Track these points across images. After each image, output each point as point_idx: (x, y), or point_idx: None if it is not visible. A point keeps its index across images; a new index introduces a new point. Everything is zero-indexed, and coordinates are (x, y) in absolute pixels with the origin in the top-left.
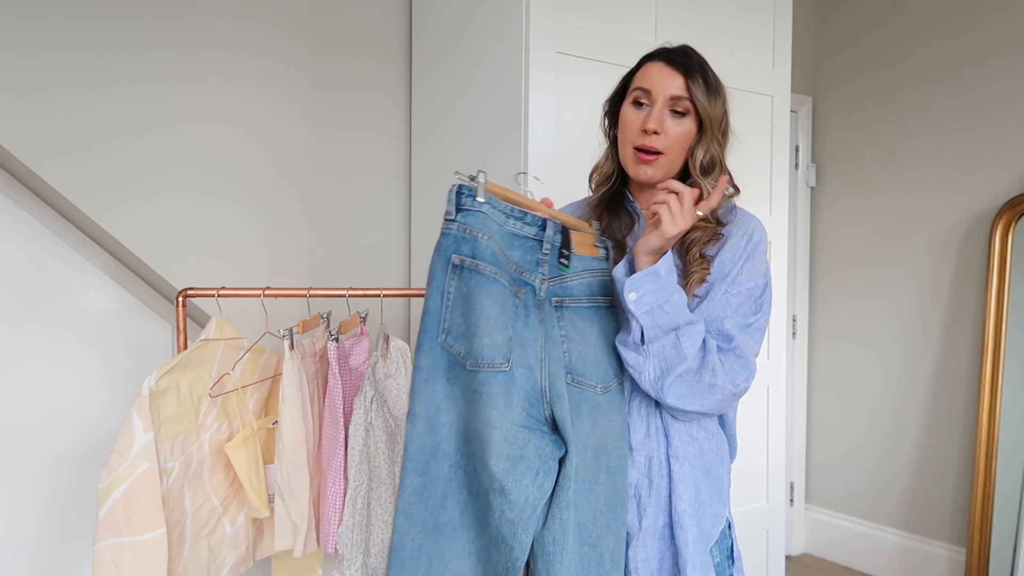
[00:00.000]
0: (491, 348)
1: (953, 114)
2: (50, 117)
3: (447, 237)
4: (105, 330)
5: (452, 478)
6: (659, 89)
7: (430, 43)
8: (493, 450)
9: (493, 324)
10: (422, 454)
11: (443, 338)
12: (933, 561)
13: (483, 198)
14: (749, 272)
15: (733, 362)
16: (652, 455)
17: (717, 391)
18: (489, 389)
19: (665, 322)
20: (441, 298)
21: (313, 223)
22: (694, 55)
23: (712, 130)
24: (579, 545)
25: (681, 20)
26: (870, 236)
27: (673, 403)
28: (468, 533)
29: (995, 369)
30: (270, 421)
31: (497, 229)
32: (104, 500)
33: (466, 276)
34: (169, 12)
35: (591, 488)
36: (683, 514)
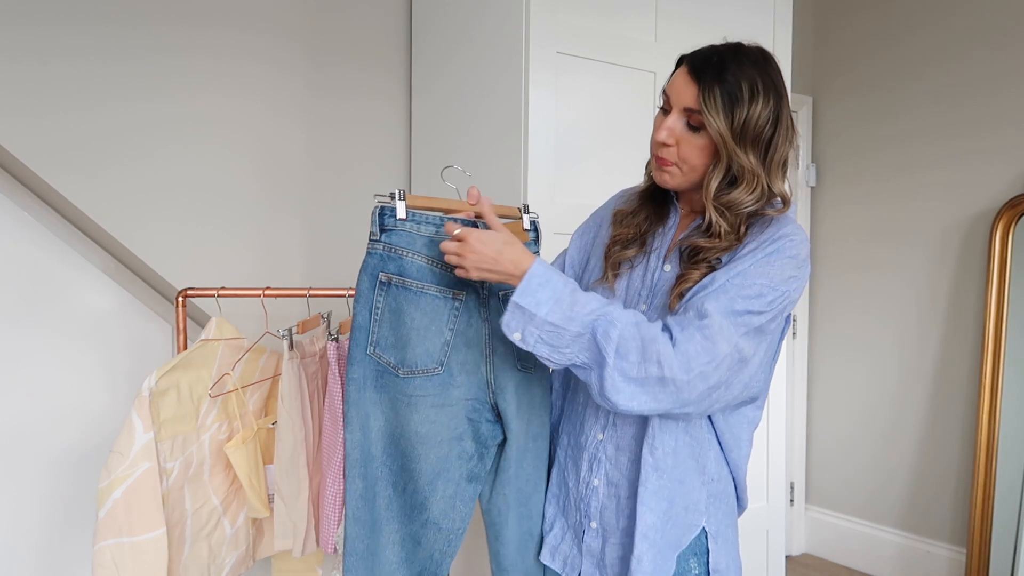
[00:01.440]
0: (424, 355)
1: (953, 115)
2: (53, 121)
3: (372, 256)
4: (105, 330)
5: (379, 477)
6: (675, 98)
7: (430, 43)
8: (422, 451)
9: (424, 334)
10: (363, 459)
11: (371, 350)
12: (933, 561)
13: (403, 215)
14: (761, 269)
15: (693, 343)
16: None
17: (669, 384)
18: (424, 392)
19: (568, 335)
20: (370, 313)
21: (313, 223)
22: (727, 56)
23: (728, 147)
24: (519, 506)
25: (681, 20)
26: (870, 235)
27: (626, 406)
28: (392, 524)
29: (995, 369)
30: (270, 421)
31: (427, 241)
32: (104, 500)
33: (393, 292)
34: (170, 24)
35: (523, 457)
36: (650, 526)
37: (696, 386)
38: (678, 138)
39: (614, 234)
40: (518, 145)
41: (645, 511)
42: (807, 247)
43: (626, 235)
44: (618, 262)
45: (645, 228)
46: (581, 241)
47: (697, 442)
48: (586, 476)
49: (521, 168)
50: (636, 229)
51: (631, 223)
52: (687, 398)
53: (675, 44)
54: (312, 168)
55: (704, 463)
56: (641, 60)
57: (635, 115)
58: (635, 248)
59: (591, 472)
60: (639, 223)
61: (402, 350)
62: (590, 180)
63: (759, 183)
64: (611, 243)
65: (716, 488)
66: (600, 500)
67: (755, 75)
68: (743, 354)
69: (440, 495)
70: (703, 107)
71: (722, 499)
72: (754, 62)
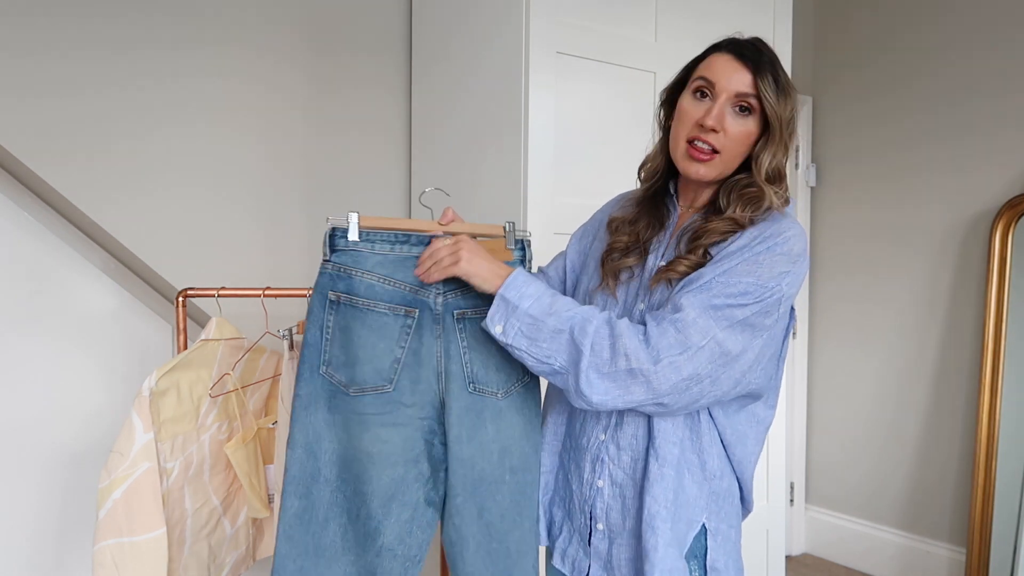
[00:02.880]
0: (373, 373)
1: (953, 114)
2: (51, 119)
3: (323, 276)
4: (105, 330)
5: (333, 502)
6: (724, 83)
7: (430, 43)
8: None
9: (372, 352)
10: (303, 478)
11: (324, 368)
12: (933, 561)
13: (355, 236)
14: (749, 267)
15: (665, 335)
16: (637, 457)
17: (639, 376)
18: (374, 410)
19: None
20: (320, 332)
21: (313, 223)
22: (766, 50)
23: (781, 133)
24: (488, 541)
25: (681, 20)
26: (870, 236)
27: (599, 401)
28: (348, 555)
29: (995, 369)
30: (270, 421)
31: (380, 260)
32: (104, 500)
33: (343, 311)
34: (170, 14)
35: (497, 488)
36: (656, 516)
37: (667, 376)
38: (727, 124)
39: (611, 242)
40: (518, 145)
41: (650, 501)
42: (803, 242)
43: (625, 243)
44: (618, 270)
45: (647, 236)
46: (580, 245)
47: (699, 437)
48: (589, 478)
49: (521, 168)
50: (636, 237)
51: (630, 231)
52: (659, 388)
53: (675, 44)
54: (312, 169)
55: (705, 459)
56: (641, 60)
57: (635, 115)
58: (635, 256)
59: (594, 473)
60: (639, 230)
61: (351, 368)
62: (590, 180)
63: (784, 180)
64: (608, 251)
65: (717, 486)
66: (605, 501)
67: (783, 70)
68: (724, 347)
69: (395, 519)
70: (761, 91)
71: (724, 498)
72: (777, 58)
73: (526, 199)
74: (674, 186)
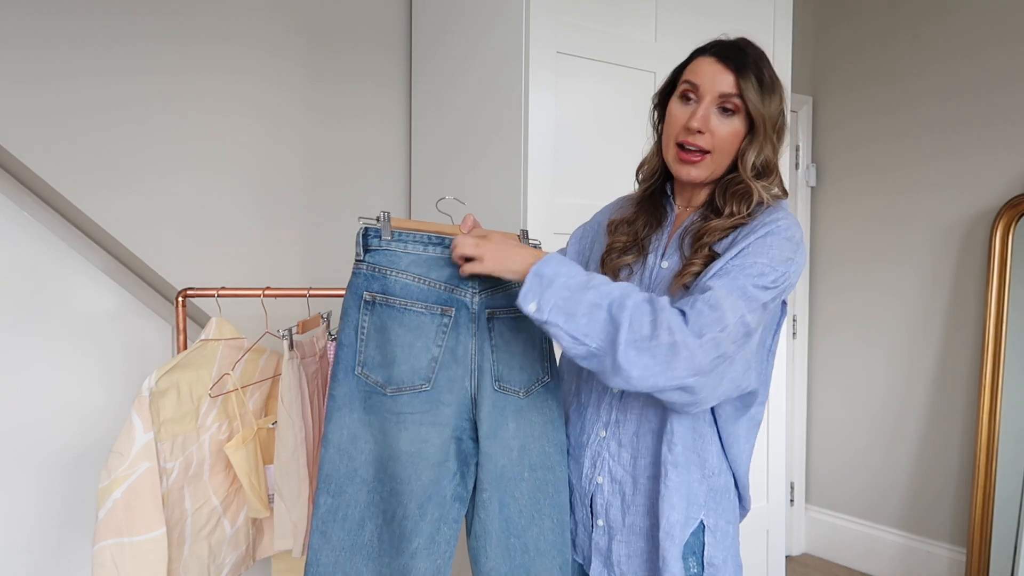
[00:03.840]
0: (410, 373)
1: (954, 114)
2: (51, 117)
3: (357, 276)
4: (105, 330)
5: (370, 503)
6: (708, 86)
7: (429, 43)
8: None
9: (409, 351)
10: (335, 477)
11: (359, 369)
12: (933, 561)
13: (388, 236)
14: (759, 248)
15: (702, 314)
16: (638, 455)
17: (682, 350)
18: (412, 409)
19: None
20: (355, 332)
21: (313, 223)
22: (750, 50)
23: (765, 131)
24: (506, 537)
25: (681, 20)
26: (870, 236)
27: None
28: (384, 557)
29: (995, 369)
30: (270, 421)
31: (414, 259)
32: (104, 500)
33: (378, 311)
34: (168, 10)
35: (516, 485)
36: (675, 524)
37: (708, 351)
38: (712, 125)
39: (611, 242)
40: (518, 145)
41: (669, 509)
42: (800, 231)
43: (624, 242)
44: (617, 268)
45: (644, 234)
46: (579, 244)
47: (700, 435)
48: (589, 473)
49: (521, 168)
50: (634, 235)
51: (628, 230)
52: (700, 364)
53: (675, 44)
54: (312, 167)
55: (705, 457)
56: (641, 60)
57: (635, 115)
58: (634, 254)
59: (594, 469)
60: (637, 229)
61: (388, 368)
62: (590, 180)
63: (776, 173)
64: (608, 251)
65: (716, 483)
66: (605, 497)
67: (770, 69)
68: (748, 327)
69: (428, 519)
70: (743, 91)
71: (722, 495)
72: (764, 57)
73: (526, 199)
74: (671, 187)
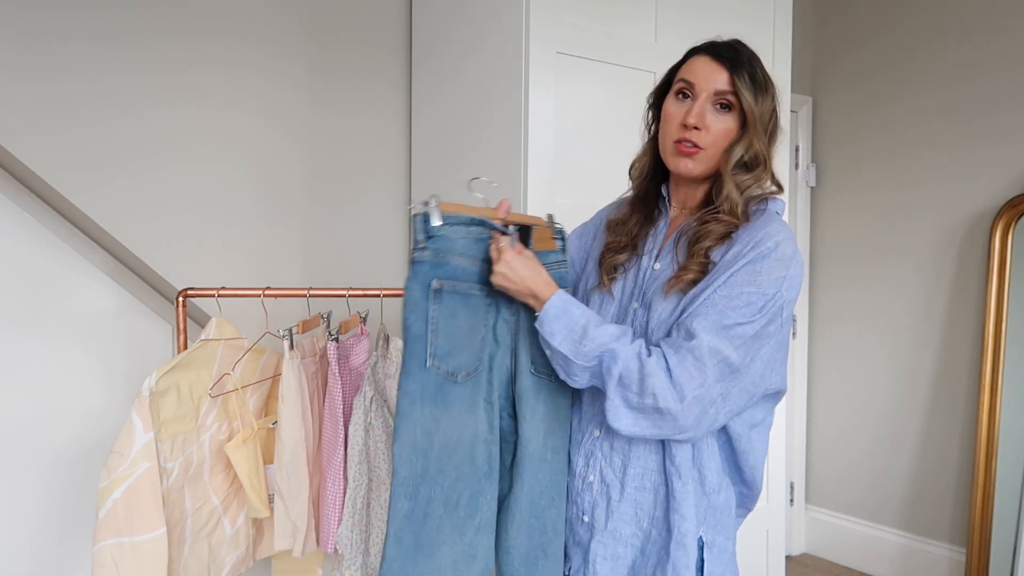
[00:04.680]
0: (471, 356)
1: (953, 114)
2: (50, 114)
3: (422, 264)
4: (105, 330)
5: (432, 497)
6: (703, 83)
7: (430, 43)
8: (476, 452)
9: (471, 335)
10: (412, 477)
11: (431, 361)
12: (933, 561)
13: (439, 221)
14: (747, 276)
15: (685, 367)
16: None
17: (666, 415)
18: (474, 392)
19: (576, 367)
20: (425, 323)
21: (313, 223)
22: (743, 50)
23: (756, 127)
24: (529, 516)
25: (681, 21)
26: (870, 236)
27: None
28: (444, 547)
29: (995, 369)
30: (270, 421)
31: (462, 241)
32: (104, 500)
33: (446, 298)
34: (168, 4)
35: (540, 466)
36: (687, 534)
37: (691, 411)
38: (708, 121)
39: (608, 242)
40: (518, 145)
41: (679, 520)
42: (792, 243)
43: (619, 242)
44: (613, 267)
45: (636, 232)
46: (580, 241)
47: (699, 452)
48: (581, 471)
49: (521, 168)
50: (628, 235)
51: (622, 230)
52: (684, 424)
53: (675, 44)
54: (312, 167)
55: (705, 474)
56: (641, 60)
57: (635, 115)
58: (627, 252)
59: (587, 467)
60: (631, 228)
61: (457, 355)
62: (590, 180)
63: (768, 168)
64: (604, 250)
65: (715, 500)
66: (593, 496)
67: (763, 69)
68: (732, 364)
69: (487, 496)
70: (738, 88)
71: (721, 511)
72: (757, 58)
73: (526, 198)
74: (666, 188)
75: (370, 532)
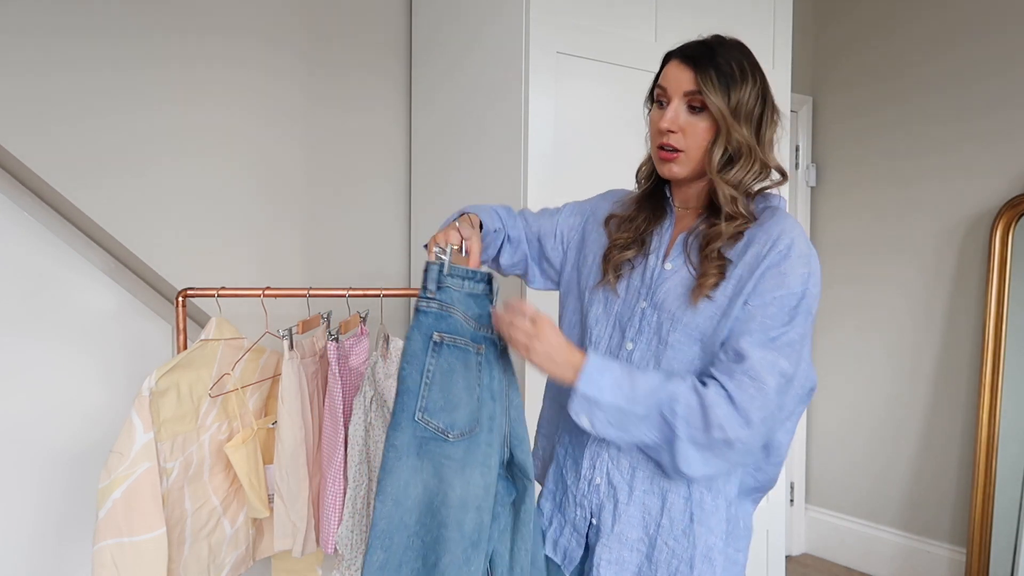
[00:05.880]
0: (468, 416)
1: (953, 114)
2: (47, 112)
3: (426, 315)
4: (105, 330)
5: (409, 547)
6: (673, 87)
7: (430, 43)
8: (463, 516)
9: (467, 393)
10: (389, 530)
11: (420, 415)
12: (933, 561)
13: (448, 271)
14: (774, 280)
15: (744, 391)
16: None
17: (736, 443)
18: (469, 454)
19: (634, 416)
20: (420, 376)
21: (313, 223)
22: (714, 44)
23: (728, 121)
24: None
25: (681, 20)
26: (869, 237)
27: (703, 474)
28: None
29: (995, 369)
30: (270, 421)
31: (460, 296)
32: (104, 500)
33: (445, 352)
34: (167, 1)
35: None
36: (713, 548)
37: (760, 432)
38: (682, 124)
39: (613, 238)
40: (518, 145)
41: (706, 532)
42: (806, 238)
43: (626, 239)
44: (619, 264)
45: (644, 229)
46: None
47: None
48: (587, 473)
49: (521, 168)
50: (635, 232)
51: (629, 227)
52: (754, 447)
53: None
54: (312, 167)
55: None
56: (641, 60)
57: (635, 115)
58: (635, 249)
59: (593, 469)
60: (638, 226)
61: (451, 412)
62: (590, 180)
63: (755, 157)
64: (610, 247)
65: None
66: (600, 499)
67: (741, 58)
68: (787, 375)
69: (474, 565)
70: (702, 87)
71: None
72: (737, 49)
73: (526, 198)
74: (669, 189)
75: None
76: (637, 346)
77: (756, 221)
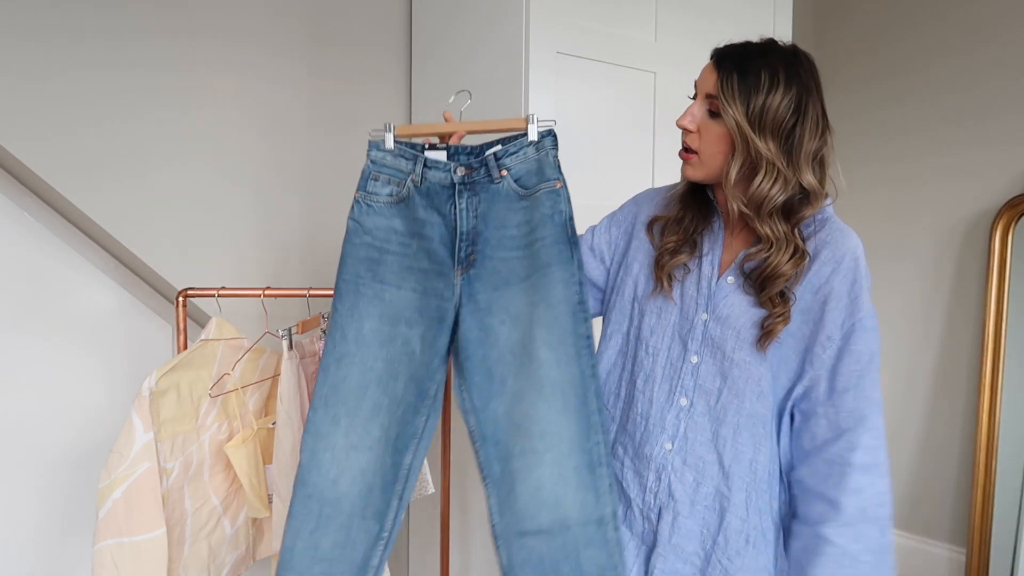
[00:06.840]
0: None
1: (953, 114)
2: (48, 114)
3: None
4: (105, 330)
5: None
6: (700, 85)
7: (430, 43)
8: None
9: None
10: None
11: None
12: (933, 561)
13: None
14: (850, 307)
15: (876, 452)
16: (702, 481)
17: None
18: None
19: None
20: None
21: (313, 223)
22: (753, 48)
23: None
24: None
25: (681, 20)
26: (869, 236)
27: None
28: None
29: (995, 369)
30: (270, 421)
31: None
32: (104, 500)
33: None
34: (168, 4)
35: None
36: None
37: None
38: (699, 124)
39: (663, 244)
40: None
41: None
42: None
43: (676, 242)
44: (672, 268)
45: (692, 229)
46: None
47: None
48: (653, 486)
49: None
50: (684, 234)
51: (677, 229)
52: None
53: (675, 44)
54: (312, 167)
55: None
56: (641, 60)
57: (635, 115)
58: (687, 252)
59: (659, 482)
60: (686, 227)
61: None
62: (590, 180)
63: (779, 173)
64: (660, 253)
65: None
66: (659, 508)
67: (778, 66)
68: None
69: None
70: (720, 92)
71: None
72: (781, 56)
73: None
74: (711, 191)
75: None
76: (703, 360)
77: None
